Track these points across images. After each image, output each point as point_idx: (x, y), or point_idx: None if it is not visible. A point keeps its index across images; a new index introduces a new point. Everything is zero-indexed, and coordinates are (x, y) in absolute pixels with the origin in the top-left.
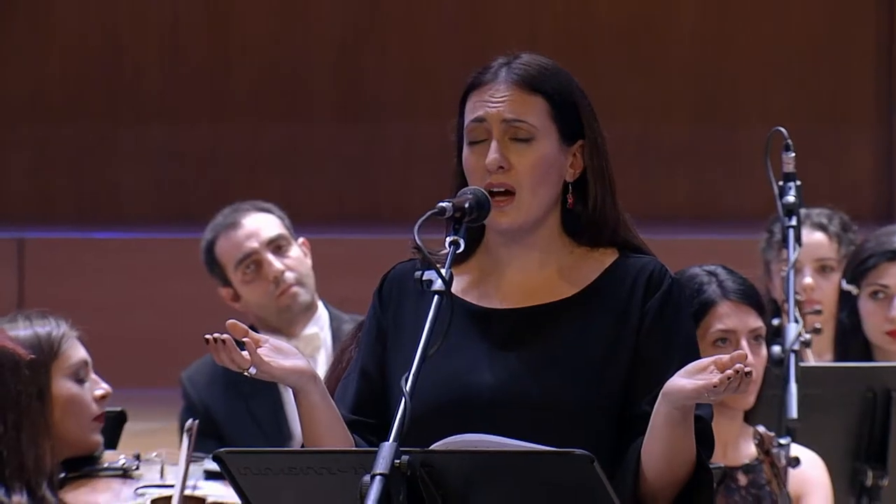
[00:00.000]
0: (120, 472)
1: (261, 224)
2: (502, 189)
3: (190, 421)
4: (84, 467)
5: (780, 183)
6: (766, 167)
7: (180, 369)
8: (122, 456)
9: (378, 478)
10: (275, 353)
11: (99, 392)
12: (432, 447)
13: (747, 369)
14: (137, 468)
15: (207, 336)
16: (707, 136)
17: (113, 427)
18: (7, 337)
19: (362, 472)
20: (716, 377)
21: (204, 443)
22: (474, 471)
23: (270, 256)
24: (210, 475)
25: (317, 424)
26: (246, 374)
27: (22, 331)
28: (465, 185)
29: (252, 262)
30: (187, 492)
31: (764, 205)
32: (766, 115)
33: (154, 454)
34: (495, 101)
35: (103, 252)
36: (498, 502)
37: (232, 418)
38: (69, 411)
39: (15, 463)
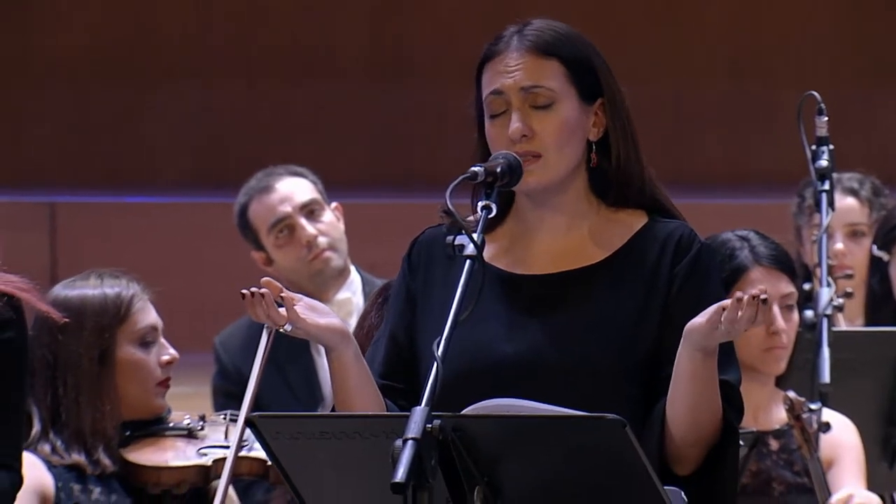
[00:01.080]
0: (184, 433)
1: (294, 188)
2: (529, 156)
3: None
4: (150, 428)
5: (813, 147)
6: (798, 131)
7: (213, 334)
8: (187, 416)
9: (410, 442)
10: (310, 310)
11: (165, 357)
12: (464, 412)
13: (763, 296)
14: (202, 429)
15: (244, 291)
16: (740, 98)
17: None
18: (39, 299)
19: (394, 436)
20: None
21: (237, 407)
22: (506, 435)
23: (303, 221)
24: None
25: (349, 385)
26: (282, 330)
27: (91, 289)
28: (489, 157)
29: (285, 226)
30: (244, 453)
31: (797, 168)
32: (800, 78)
33: (221, 416)
34: (511, 70)
35: (135, 216)
36: (529, 467)
37: (265, 383)
38: (132, 376)
39: (73, 425)
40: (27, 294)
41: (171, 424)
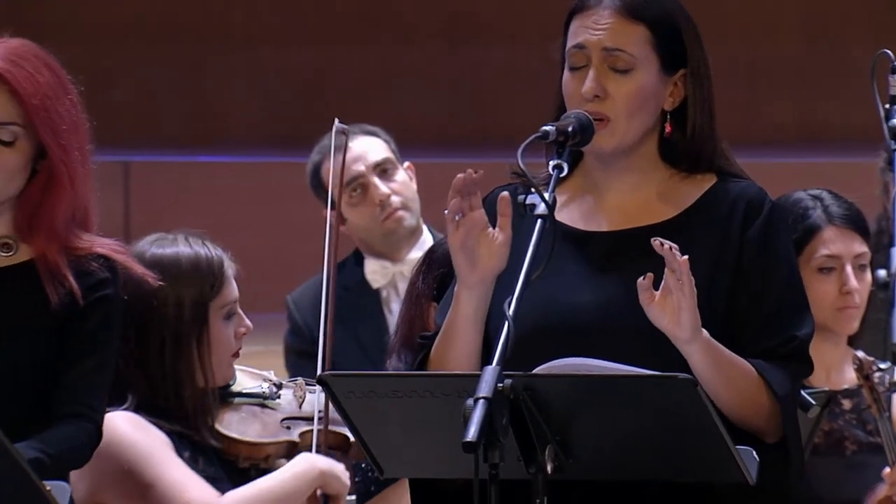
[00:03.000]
0: (259, 402)
1: (367, 147)
2: (598, 118)
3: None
4: (222, 393)
5: (887, 106)
6: (872, 90)
7: (286, 292)
8: (262, 383)
9: (481, 401)
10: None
11: (241, 329)
12: (535, 371)
13: (660, 244)
14: (278, 397)
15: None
16: (814, 56)
17: None
18: (134, 262)
19: (465, 395)
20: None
21: (309, 365)
22: (577, 394)
23: (377, 180)
24: None
25: (458, 332)
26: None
27: (184, 256)
28: (564, 107)
29: (358, 185)
30: (330, 427)
31: (870, 128)
32: (874, 36)
33: (294, 381)
34: (597, 27)
35: (209, 175)
36: (600, 426)
37: (337, 342)
38: (216, 349)
39: (175, 399)
40: (123, 257)
41: (245, 391)
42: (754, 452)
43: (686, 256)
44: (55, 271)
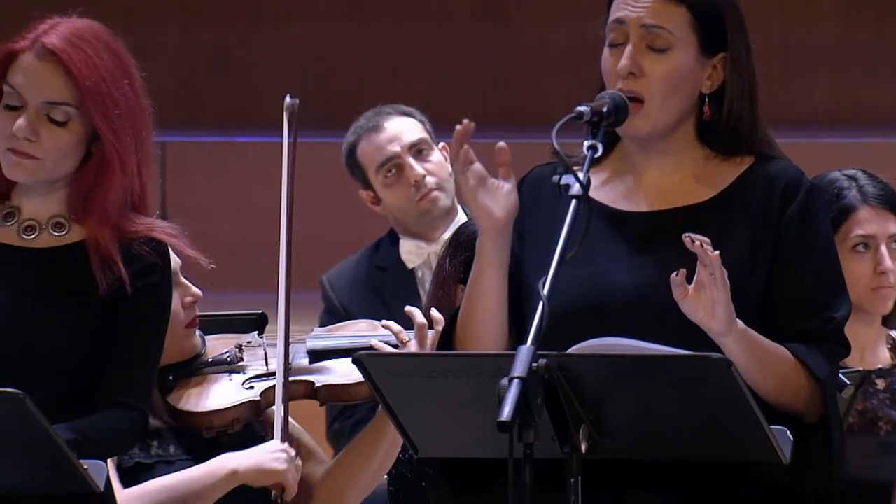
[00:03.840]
0: (225, 366)
1: (403, 128)
2: (632, 96)
3: (289, 99)
4: (189, 368)
5: None
6: None
7: (320, 272)
8: (226, 350)
9: (516, 381)
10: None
11: (188, 299)
12: (570, 351)
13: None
14: (241, 359)
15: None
16: (849, 36)
17: (254, 330)
18: (187, 246)
19: (500, 375)
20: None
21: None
22: (611, 374)
23: (412, 160)
24: (315, 356)
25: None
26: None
27: None
28: (605, 84)
29: (394, 165)
30: (293, 378)
31: None
32: None
33: (255, 340)
34: (638, 4)
35: (244, 155)
36: (634, 406)
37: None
38: None
39: None
40: (175, 240)
41: (209, 360)
42: (788, 432)
43: (717, 252)
44: (105, 256)
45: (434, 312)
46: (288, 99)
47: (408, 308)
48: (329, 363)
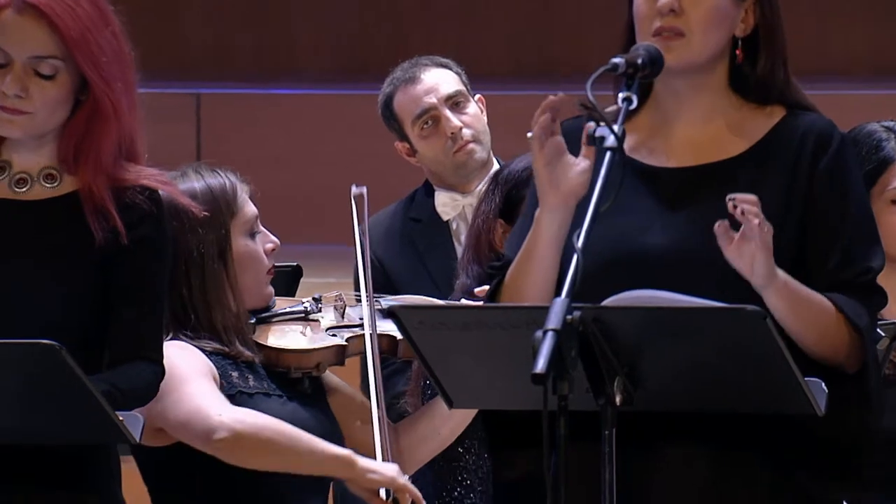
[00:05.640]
0: (301, 315)
1: (439, 80)
2: (672, 32)
3: (355, 189)
4: (265, 314)
5: None
6: None
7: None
8: (302, 300)
9: (550, 333)
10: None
11: (269, 245)
12: (604, 303)
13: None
14: (319, 310)
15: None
16: None
17: (289, 282)
18: (180, 193)
19: (535, 327)
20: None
21: (377, 295)
22: (646, 326)
23: (448, 112)
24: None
25: (538, 252)
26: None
27: (196, 184)
28: (634, 39)
29: (430, 117)
30: (379, 330)
31: None
32: None
33: (334, 295)
34: None
35: (278, 107)
36: (669, 358)
37: (407, 273)
38: (247, 267)
39: (206, 324)
40: (168, 187)
41: (287, 308)
42: (823, 384)
43: (758, 220)
44: (99, 205)
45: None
46: (354, 189)
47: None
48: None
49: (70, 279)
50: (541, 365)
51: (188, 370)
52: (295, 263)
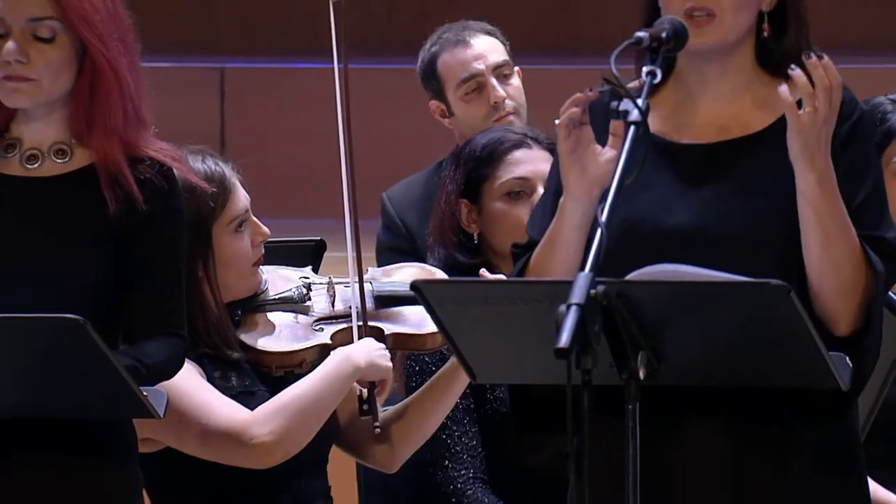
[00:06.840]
0: (291, 307)
1: (489, 47)
2: (703, 13)
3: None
4: (251, 303)
5: None
6: None
7: (379, 198)
8: (291, 287)
9: (574, 307)
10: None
11: (258, 237)
12: (628, 277)
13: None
14: (308, 299)
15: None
16: None
17: (313, 256)
18: (191, 170)
19: (558, 301)
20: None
21: (403, 262)
22: (670, 301)
23: (494, 81)
24: (381, 302)
25: (563, 237)
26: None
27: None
28: (655, 16)
29: (476, 83)
30: (360, 323)
31: None
32: None
33: (317, 277)
34: None
35: (302, 81)
36: (693, 332)
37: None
38: (229, 265)
39: (188, 326)
40: (178, 164)
41: (273, 298)
42: (847, 359)
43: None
44: (115, 171)
45: (484, 271)
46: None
47: (482, 270)
48: (399, 309)
49: (86, 255)
50: (564, 339)
51: (182, 379)
52: (318, 238)
